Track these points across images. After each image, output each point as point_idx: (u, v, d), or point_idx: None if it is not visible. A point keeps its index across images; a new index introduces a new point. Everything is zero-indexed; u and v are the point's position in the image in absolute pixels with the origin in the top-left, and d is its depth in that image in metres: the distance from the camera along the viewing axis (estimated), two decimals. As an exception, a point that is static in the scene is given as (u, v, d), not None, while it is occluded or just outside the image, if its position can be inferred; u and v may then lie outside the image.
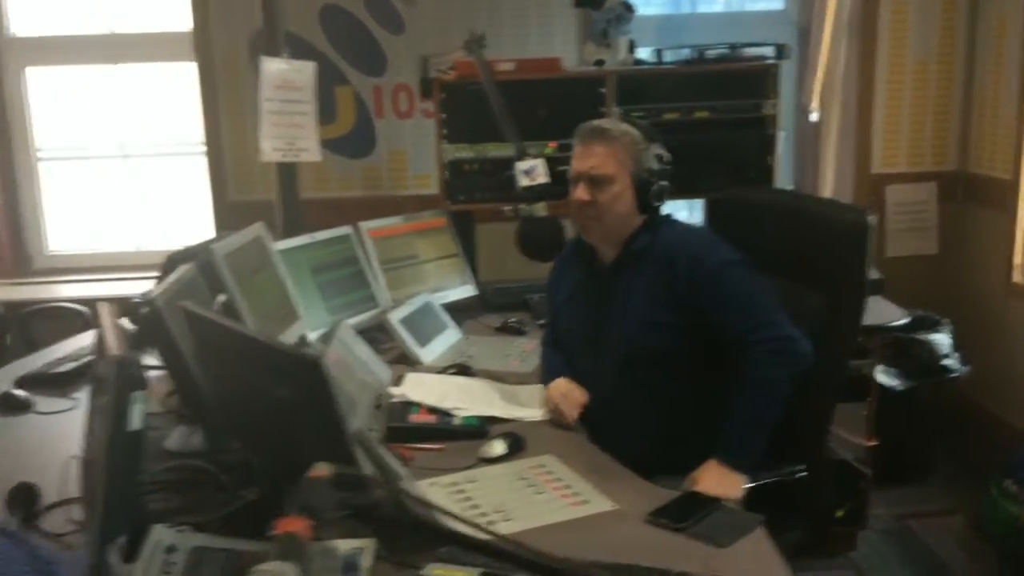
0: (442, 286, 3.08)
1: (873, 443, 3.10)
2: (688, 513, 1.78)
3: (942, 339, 3.55)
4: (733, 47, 3.24)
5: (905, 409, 3.54)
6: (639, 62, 3.20)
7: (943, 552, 3.30)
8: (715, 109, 3.08)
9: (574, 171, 2.25)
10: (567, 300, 2.45)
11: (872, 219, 2.19)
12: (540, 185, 2.41)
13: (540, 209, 2.42)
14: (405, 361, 2.71)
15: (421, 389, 2.37)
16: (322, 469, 1.28)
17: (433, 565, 1.56)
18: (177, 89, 4.15)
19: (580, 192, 2.23)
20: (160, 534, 1.59)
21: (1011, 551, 3.15)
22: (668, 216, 2.33)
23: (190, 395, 2.01)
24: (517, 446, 2.11)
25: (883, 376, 3.45)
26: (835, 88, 4.12)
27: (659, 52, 3.19)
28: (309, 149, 3.06)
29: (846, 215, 2.19)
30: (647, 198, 2.21)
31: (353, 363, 2.43)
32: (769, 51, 3.13)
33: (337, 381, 2.24)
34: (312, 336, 2.63)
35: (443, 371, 2.58)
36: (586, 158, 2.23)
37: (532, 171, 2.41)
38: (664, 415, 2.22)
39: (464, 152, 3.00)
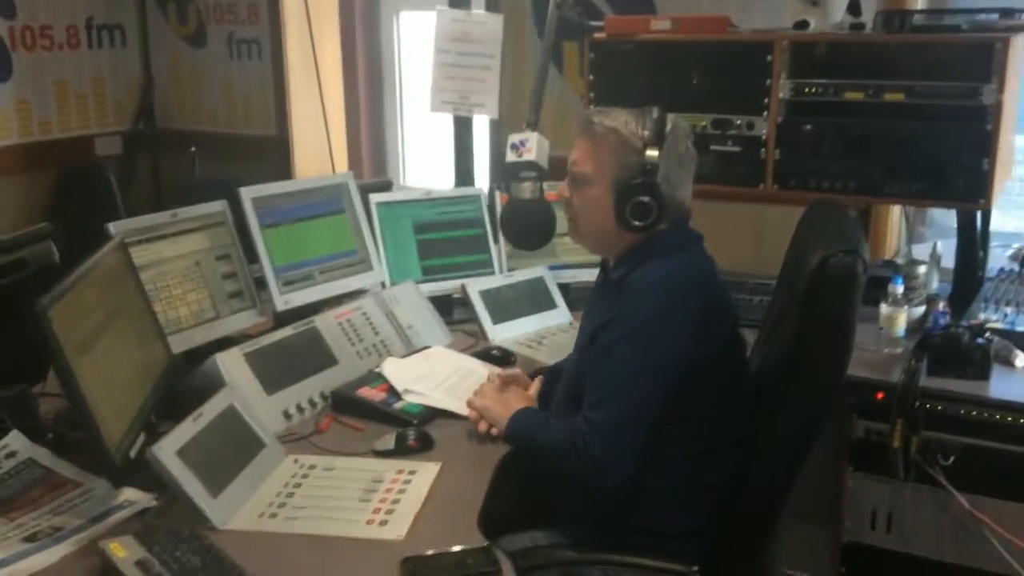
0: (578, 264, 2.83)
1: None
2: (440, 570, 1.51)
3: None
4: (1005, 12, 2.44)
5: None
6: (857, 27, 2.55)
7: None
8: (913, 92, 2.35)
9: None
10: None
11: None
12: (525, 162, 2.07)
13: (526, 190, 2.08)
14: (479, 335, 2.59)
15: (414, 364, 2.25)
16: None
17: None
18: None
19: (562, 188, 1.95)
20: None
21: None
22: (683, 241, 1.88)
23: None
24: (425, 444, 1.95)
25: None
26: None
27: (888, 17, 2.50)
28: (486, 105, 2.98)
29: (835, 254, 1.60)
30: (625, 212, 1.82)
31: (379, 326, 2.39)
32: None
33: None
34: (380, 288, 2.60)
35: (483, 352, 2.41)
36: (574, 150, 1.93)
37: (522, 145, 2.08)
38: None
39: (611, 120, 2.68)
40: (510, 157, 2.09)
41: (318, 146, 4.59)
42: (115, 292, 1.89)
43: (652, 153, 1.80)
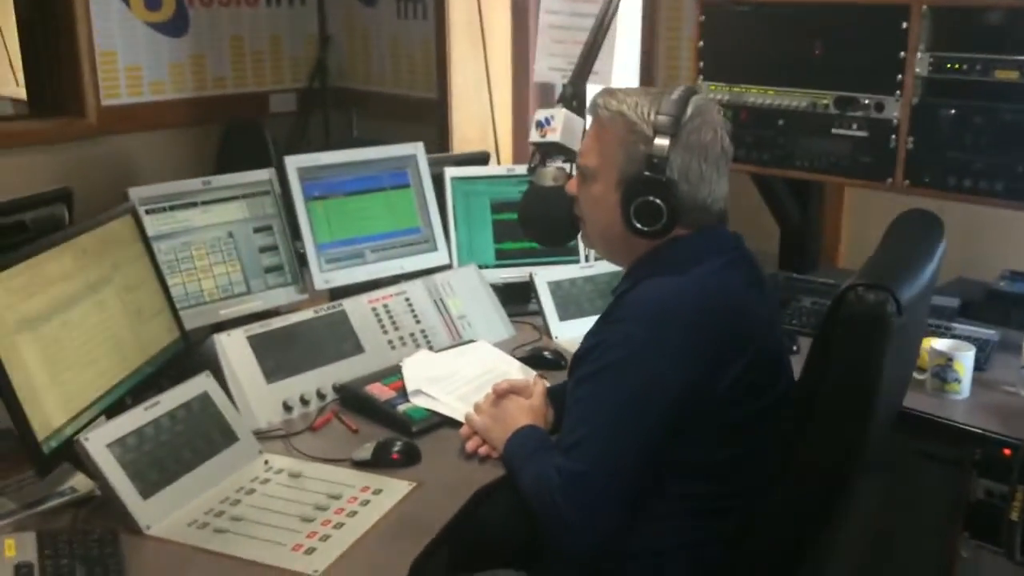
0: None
1: None
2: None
3: None
4: None
5: None
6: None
7: None
8: (1083, 71, 1.82)
9: None
10: None
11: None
12: (549, 143, 1.72)
13: (547, 176, 1.73)
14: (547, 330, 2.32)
15: (440, 362, 2.02)
16: None
17: None
18: None
19: (571, 183, 1.66)
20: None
21: None
22: (700, 251, 1.52)
23: None
24: (409, 458, 1.73)
25: None
26: None
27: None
28: (599, 72, 2.66)
29: (856, 287, 1.21)
30: (628, 213, 1.50)
31: (423, 313, 2.19)
32: None
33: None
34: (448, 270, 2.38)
35: (532, 354, 2.15)
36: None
37: (547, 123, 1.72)
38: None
39: (719, 93, 2.29)
40: (533, 136, 1.80)
41: (481, 112, 4.42)
42: (108, 261, 1.78)
43: (662, 142, 1.46)
